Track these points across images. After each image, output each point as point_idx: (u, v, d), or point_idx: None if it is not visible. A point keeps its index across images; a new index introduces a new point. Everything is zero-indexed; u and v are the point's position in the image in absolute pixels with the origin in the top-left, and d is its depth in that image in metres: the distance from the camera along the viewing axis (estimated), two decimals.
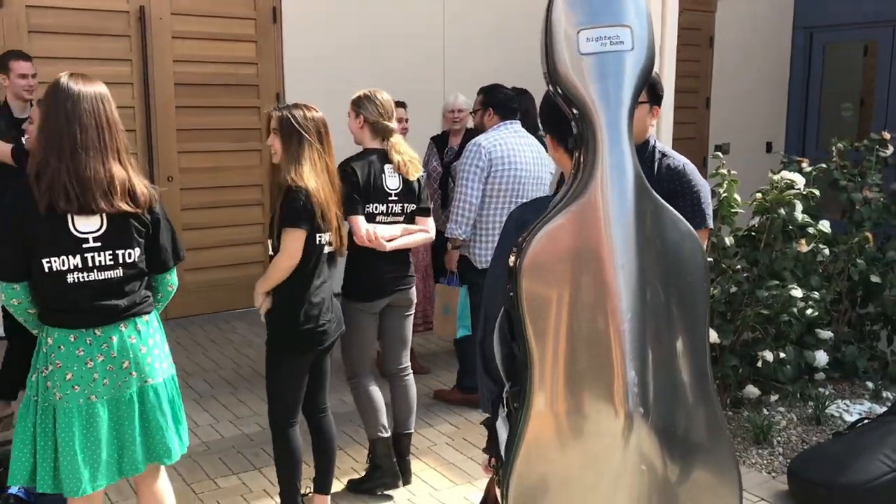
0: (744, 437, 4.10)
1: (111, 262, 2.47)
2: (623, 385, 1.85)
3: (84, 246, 2.42)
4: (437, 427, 4.33)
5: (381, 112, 3.48)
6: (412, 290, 3.66)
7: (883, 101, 8.83)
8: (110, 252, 2.46)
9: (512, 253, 1.92)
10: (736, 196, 4.26)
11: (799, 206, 4.26)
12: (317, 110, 3.14)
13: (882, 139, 5.10)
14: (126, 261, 2.50)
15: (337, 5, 6.63)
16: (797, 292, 4.09)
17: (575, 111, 1.89)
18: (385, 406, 3.61)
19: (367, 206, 3.44)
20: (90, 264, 2.44)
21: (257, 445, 4.04)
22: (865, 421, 3.92)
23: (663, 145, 3.10)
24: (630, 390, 1.85)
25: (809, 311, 4.22)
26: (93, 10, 5.73)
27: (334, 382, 3.49)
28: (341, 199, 3.27)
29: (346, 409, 3.75)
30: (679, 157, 3.06)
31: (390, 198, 3.51)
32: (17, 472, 2.49)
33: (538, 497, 1.94)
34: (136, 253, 2.51)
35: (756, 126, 9.33)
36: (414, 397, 3.73)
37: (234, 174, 6.32)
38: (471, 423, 4.36)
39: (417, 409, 4.06)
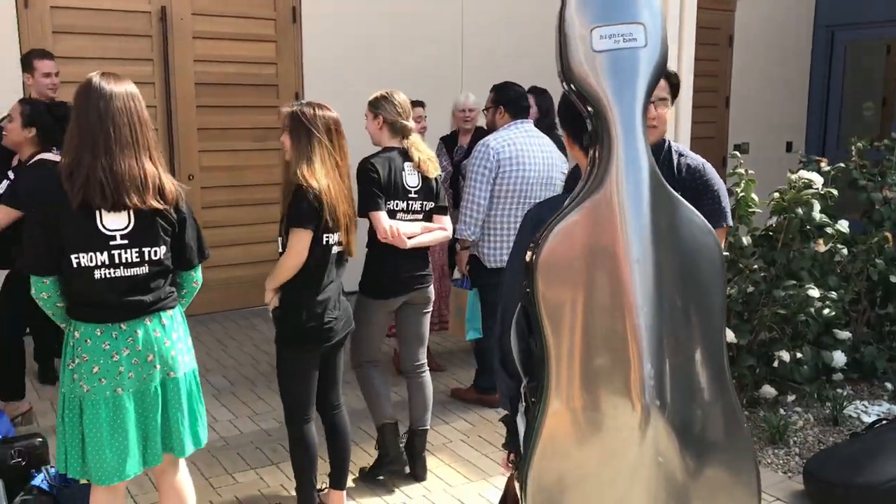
0: (760, 436, 4.09)
1: (137, 260, 2.52)
2: (640, 380, 1.86)
3: (111, 243, 2.47)
4: (452, 424, 4.35)
5: (399, 112, 3.51)
6: (430, 289, 3.69)
7: None
8: (137, 249, 2.51)
9: (528, 249, 1.94)
10: (753, 196, 4.25)
11: (817, 206, 4.24)
12: (329, 109, 3.15)
13: None
14: (152, 258, 2.55)
15: (356, 5, 6.68)
16: (814, 292, 4.07)
17: (589, 108, 1.91)
18: (400, 402, 3.65)
19: (387, 203, 3.48)
20: (117, 261, 2.49)
21: (275, 441, 4.08)
22: (884, 422, 3.90)
23: (678, 144, 3.10)
24: (647, 385, 1.86)
25: (827, 311, 4.20)
26: (115, 10, 5.81)
27: (349, 378, 3.53)
28: (362, 195, 3.30)
29: (362, 405, 3.78)
30: (696, 156, 3.07)
31: (410, 195, 3.54)
32: (58, 459, 2.57)
33: (556, 492, 1.96)
34: (161, 251, 2.56)
35: (776, 126, 9.28)
36: (430, 394, 3.76)
37: (254, 173, 6.38)
38: (486, 421, 4.38)
39: (434, 407, 4.09)
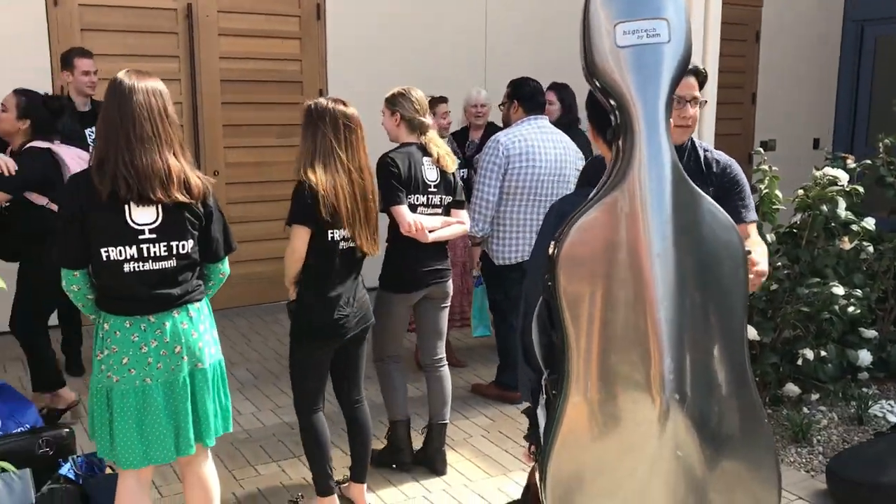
0: (782, 435, 4.06)
1: (165, 253, 2.56)
2: (660, 374, 1.88)
3: (140, 237, 2.52)
4: (472, 419, 4.36)
5: (416, 109, 3.53)
6: (449, 283, 3.71)
7: None
8: (165, 243, 2.55)
9: (551, 244, 1.96)
10: (777, 192, 4.22)
11: (842, 203, 4.20)
12: (343, 104, 3.13)
13: None
14: (180, 252, 2.59)
15: (379, 2, 6.70)
16: (839, 290, 4.03)
17: (612, 103, 1.93)
18: (420, 397, 3.67)
19: (408, 198, 3.49)
20: (146, 255, 2.53)
21: (297, 434, 4.06)
22: None
23: (702, 141, 3.10)
24: (667, 379, 1.87)
25: (851, 309, 4.16)
26: (142, 7, 5.87)
27: (370, 373, 3.56)
28: (383, 190, 3.31)
29: (382, 399, 3.81)
30: (720, 152, 3.07)
31: (430, 189, 3.56)
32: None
33: (575, 483, 1.98)
34: (189, 244, 2.60)
35: (803, 122, 9.18)
36: (449, 388, 3.79)
37: (278, 169, 6.42)
38: (506, 417, 4.39)
39: (454, 402, 4.10)
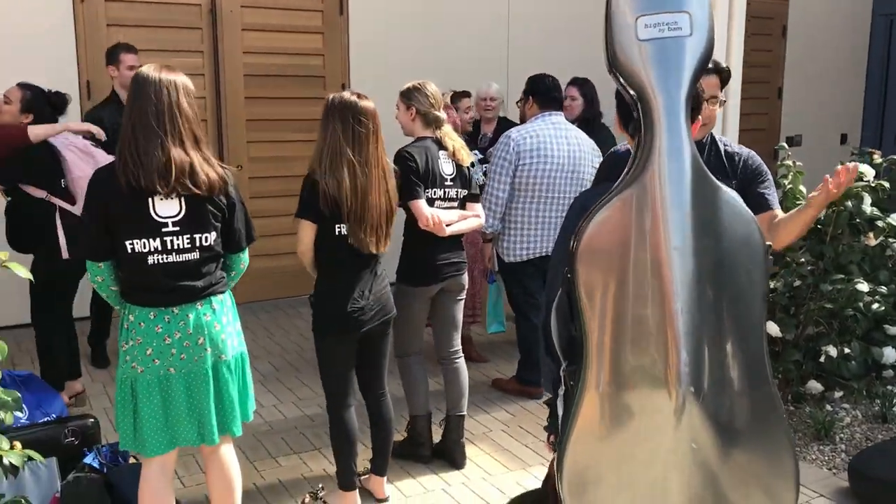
0: (805, 432, 4.03)
1: (189, 246, 2.59)
2: (675, 366, 1.88)
3: (164, 230, 2.55)
4: (492, 414, 4.37)
5: (431, 103, 3.54)
6: (464, 276, 3.72)
7: None
8: (188, 236, 2.59)
9: (572, 237, 1.98)
10: (801, 188, 4.18)
11: (867, 199, 4.14)
12: (359, 97, 3.11)
13: None
14: (203, 244, 2.62)
15: None
16: (863, 286, 3.99)
17: (634, 96, 1.93)
18: (438, 391, 3.69)
19: (426, 192, 3.50)
20: (169, 247, 2.56)
21: (318, 427, 4.15)
22: None
23: (720, 135, 3.10)
24: (682, 371, 1.88)
25: (876, 307, 4.12)
26: (166, 3, 5.93)
27: (393, 367, 3.57)
28: (401, 184, 3.32)
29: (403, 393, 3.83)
30: (739, 145, 3.07)
31: (446, 183, 3.58)
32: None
33: (590, 474, 2.00)
34: (212, 237, 2.64)
35: (831, 117, 9.08)
36: (466, 380, 3.80)
37: (301, 164, 6.33)
38: (526, 412, 4.39)
39: (474, 396, 4.12)
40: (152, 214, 2.53)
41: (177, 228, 2.57)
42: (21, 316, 4.23)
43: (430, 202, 3.52)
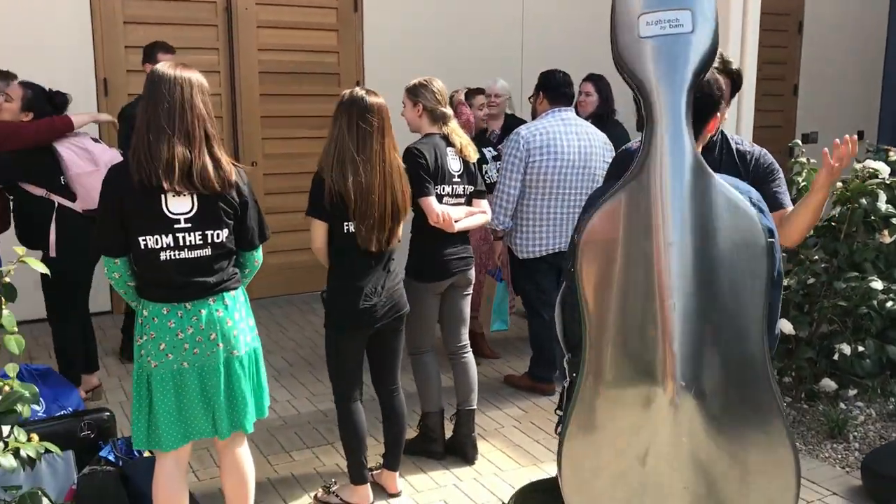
0: (818, 430, 4.02)
1: (201, 242, 2.61)
2: (667, 359, 1.90)
3: (176, 226, 2.57)
4: (505, 410, 4.38)
5: (438, 99, 3.55)
6: (472, 270, 3.75)
7: None
8: (200, 233, 2.61)
9: (575, 231, 2.02)
10: None
11: (883, 197, 4.11)
12: (368, 94, 3.11)
13: None
14: (215, 241, 2.64)
15: None
16: (877, 284, 3.97)
17: (637, 92, 1.94)
18: (446, 386, 3.72)
19: (435, 188, 3.52)
20: (181, 244, 2.59)
21: (331, 422, 4.15)
22: None
23: (731, 133, 3.09)
24: (675, 364, 1.90)
25: (890, 304, 4.10)
26: (183, 0, 5.97)
27: (406, 363, 3.59)
28: (411, 182, 3.34)
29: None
30: (750, 143, 3.06)
31: (454, 180, 3.60)
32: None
33: (588, 465, 2.04)
34: (224, 234, 2.65)
35: (847, 114, 9.00)
36: (475, 374, 3.82)
37: (315, 160, 6.38)
38: (539, 408, 4.40)
39: (486, 393, 4.12)
40: (165, 211, 2.56)
41: (189, 225, 2.59)
42: (38, 311, 4.27)
43: (439, 199, 3.53)
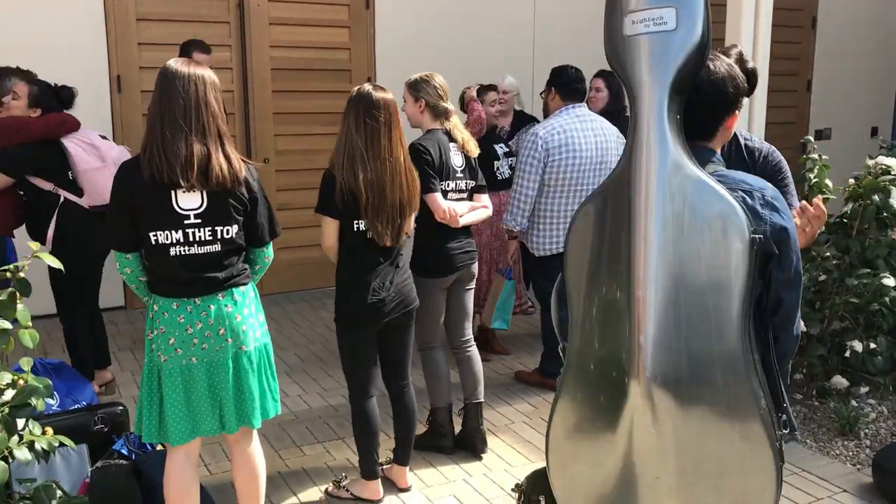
0: (829, 427, 4.01)
1: (210, 238, 2.63)
2: (636, 351, 1.93)
3: (186, 222, 2.59)
4: (514, 405, 4.40)
5: (440, 94, 3.56)
6: (475, 265, 3.77)
7: None
8: (210, 228, 2.63)
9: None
10: (827, 181, 4.15)
11: (895, 193, 4.10)
12: (375, 90, 3.12)
13: None
14: (224, 237, 2.66)
15: None
16: (889, 281, 3.96)
17: (625, 90, 2.00)
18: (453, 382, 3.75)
19: (440, 184, 3.53)
20: (191, 239, 2.61)
21: (342, 416, 4.20)
22: None
23: (741, 130, 3.08)
24: (644, 357, 1.92)
25: None
26: None
27: (416, 359, 3.61)
28: (420, 178, 3.34)
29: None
30: (760, 140, 3.06)
31: (457, 175, 3.61)
32: (136, 423, 2.73)
33: (570, 450, 2.14)
34: (233, 230, 2.67)
35: (861, 110, 8.96)
36: (480, 368, 3.84)
37: (327, 157, 6.43)
38: (548, 404, 4.37)
39: (497, 388, 4.13)
40: (175, 207, 2.58)
41: (199, 221, 2.61)
42: (52, 306, 4.31)
43: (444, 194, 3.55)
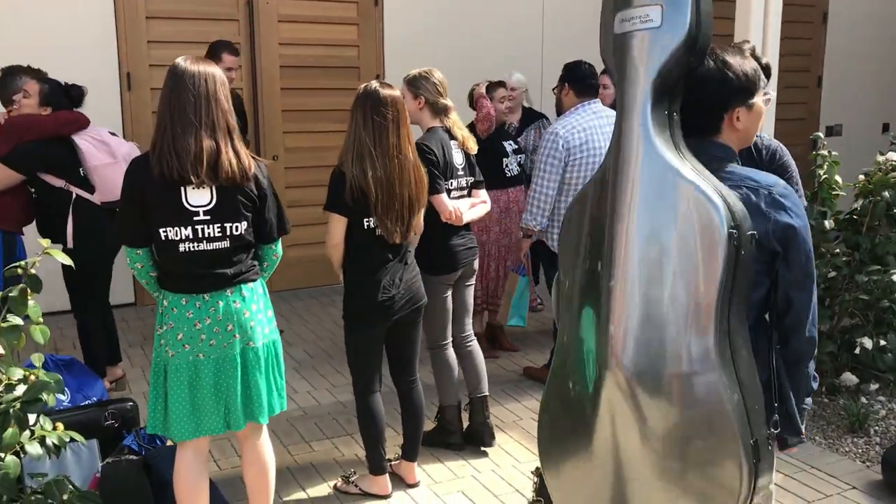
0: (838, 424, 4.00)
1: (219, 234, 2.65)
2: (605, 339, 1.98)
3: (195, 219, 2.61)
4: (523, 402, 4.40)
5: (439, 91, 3.54)
6: (477, 261, 3.80)
7: None
8: (219, 225, 2.64)
9: None
10: (837, 178, 4.14)
11: None
12: (381, 87, 3.12)
13: None
14: (233, 233, 2.67)
15: None
16: None
17: (614, 86, 2.06)
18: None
19: (445, 183, 3.54)
20: (200, 235, 2.62)
21: (350, 412, 4.20)
22: None
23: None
24: (611, 345, 1.96)
25: None
26: None
27: (424, 356, 3.62)
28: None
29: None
30: (767, 137, 3.06)
31: (458, 173, 3.62)
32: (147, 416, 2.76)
33: (555, 431, 2.20)
34: (242, 226, 2.68)
35: (872, 106, 8.91)
36: (482, 362, 3.86)
37: (335, 154, 6.36)
38: None
39: (506, 385, 4.12)
40: (184, 203, 2.59)
41: (208, 217, 2.62)
42: (63, 303, 4.34)
43: (448, 193, 3.55)
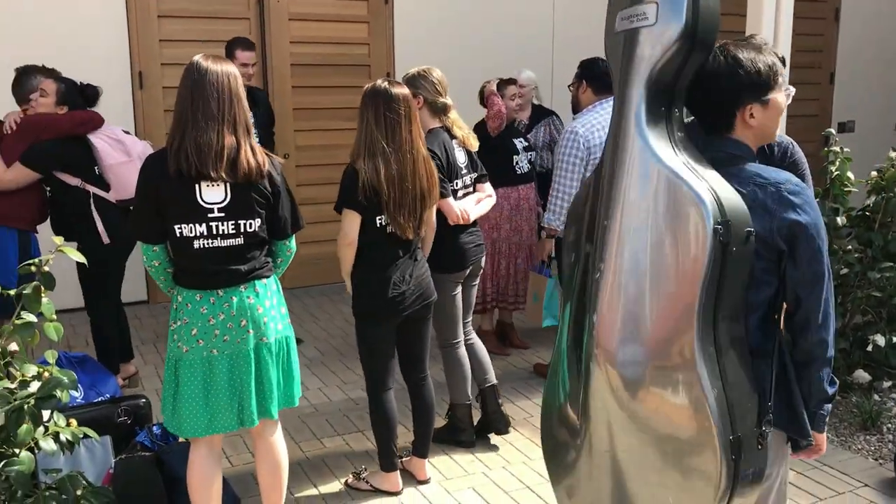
0: (851, 422, 3.99)
1: (233, 231, 2.67)
2: (588, 330, 2.04)
3: (209, 216, 2.63)
4: (534, 399, 4.40)
5: (438, 90, 3.53)
6: (484, 258, 3.81)
7: None
8: (233, 222, 2.66)
9: None
10: (849, 174, 4.12)
11: None
12: (390, 85, 3.13)
13: None
14: (247, 230, 2.69)
15: None
16: None
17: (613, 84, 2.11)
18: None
19: (450, 185, 3.54)
20: (214, 232, 2.64)
21: (362, 409, 4.22)
22: None
23: None
24: (593, 334, 2.02)
25: None
26: None
27: (434, 353, 3.62)
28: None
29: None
30: (779, 134, 3.03)
31: (462, 172, 3.62)
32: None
33: (545, 407, 2.34)
34: (256, 223, 2.70)
35: (885, 102, 8.85)
36: (485, 353, 3.88)
37: (346, 152, 6.36)
38: None
39: (516, 382, 4.11)
40: (199, 200, 2.61)
41: (222, 214, 2.64)
42: (77, 300, 4.37)
43: (454, 193, 3.55)
